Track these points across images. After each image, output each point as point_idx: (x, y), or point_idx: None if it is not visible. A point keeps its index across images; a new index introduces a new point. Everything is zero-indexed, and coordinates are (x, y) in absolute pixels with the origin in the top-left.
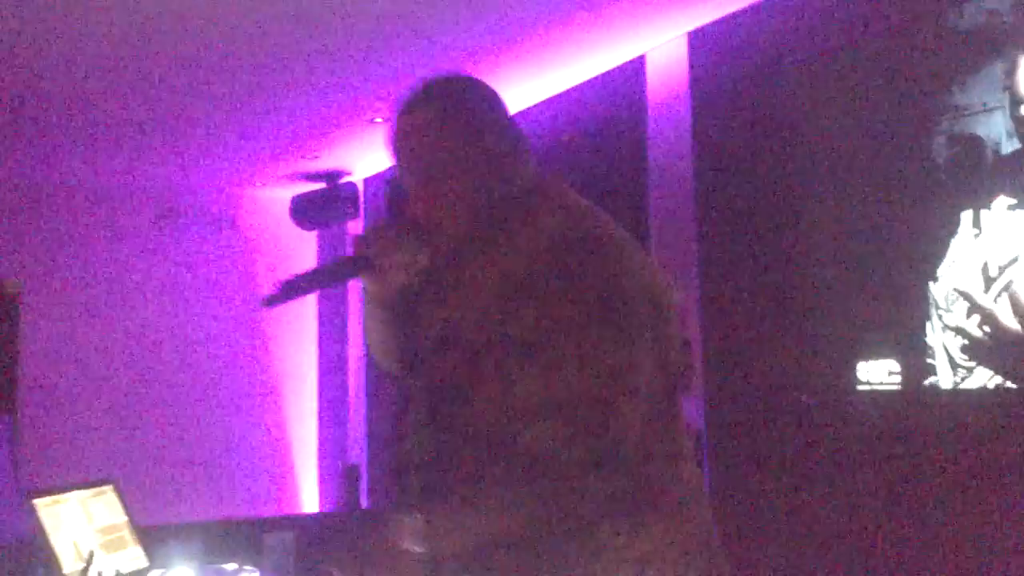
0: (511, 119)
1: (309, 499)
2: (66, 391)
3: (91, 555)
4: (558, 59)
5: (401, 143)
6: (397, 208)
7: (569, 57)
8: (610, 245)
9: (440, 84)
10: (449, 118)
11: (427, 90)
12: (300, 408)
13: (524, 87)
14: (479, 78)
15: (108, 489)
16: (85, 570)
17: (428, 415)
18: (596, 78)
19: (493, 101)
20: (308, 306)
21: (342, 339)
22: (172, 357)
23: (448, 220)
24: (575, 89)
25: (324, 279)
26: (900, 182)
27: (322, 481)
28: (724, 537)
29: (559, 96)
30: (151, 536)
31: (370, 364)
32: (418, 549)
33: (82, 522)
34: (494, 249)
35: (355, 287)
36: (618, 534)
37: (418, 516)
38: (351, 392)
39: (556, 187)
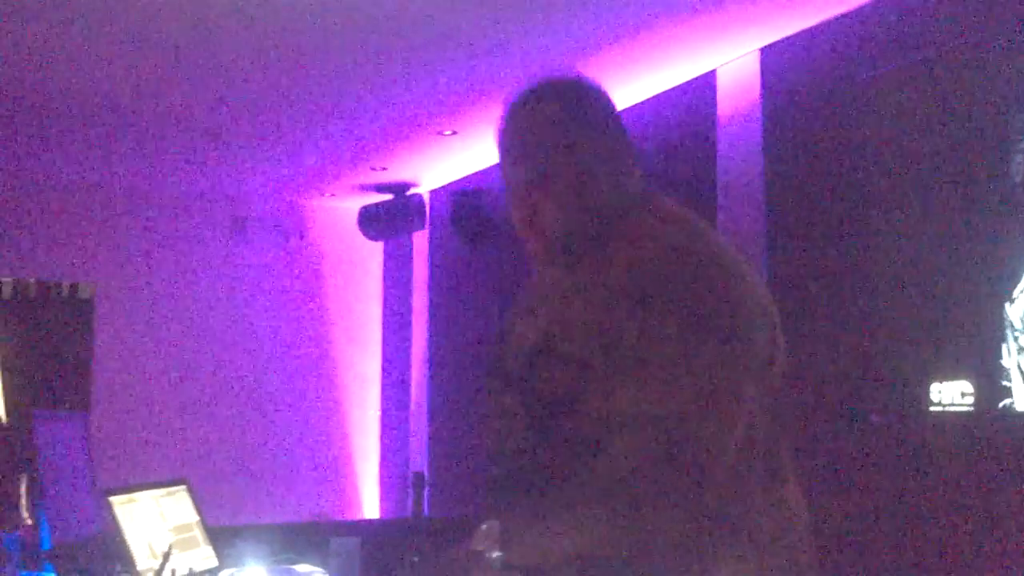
0: (624, 129)
1: (370, 505)
2: (136, 393)
3: (168, 551)
4: (629, 73)
5: (509, 137)
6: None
7: (640, 71)
8: (722, 260)
9: (559, 83)
10: (563, 118)
11: (545, 87)
12: (363, 415)
13: None
14: (599, 84)
15: (181, 488)
16: (162, 567)
17: (528, 428)
18: (667, 92)
19: (609, 109)
20: (373, 315)
21: (406, 347)
22: (240, 363)
23: (546, 225)
24: (645, 103)
25: None
26: (976, 201)
27: (383, 488)
28: None
29: (629, 110)
30: (220, 536)
31: (432, 372)
32: (495, 554)
33: (156, 520)
34: (598, 259)
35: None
36: (699, 564)
37: (495, 523)
38: (413, 400)
39: (662, 200)
